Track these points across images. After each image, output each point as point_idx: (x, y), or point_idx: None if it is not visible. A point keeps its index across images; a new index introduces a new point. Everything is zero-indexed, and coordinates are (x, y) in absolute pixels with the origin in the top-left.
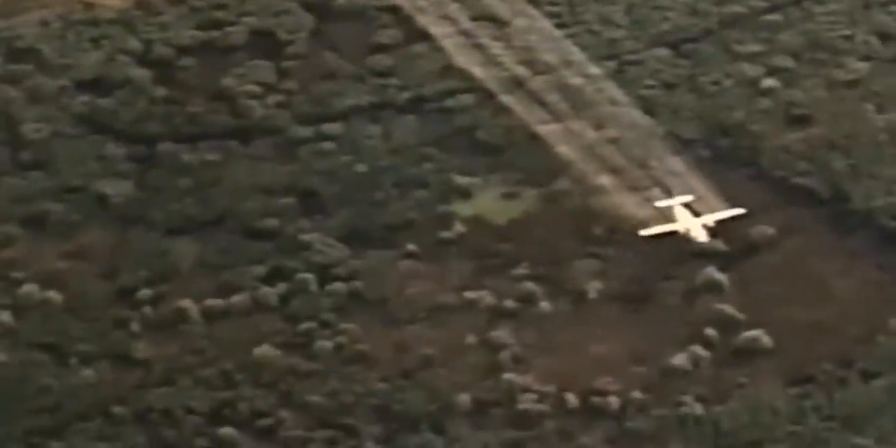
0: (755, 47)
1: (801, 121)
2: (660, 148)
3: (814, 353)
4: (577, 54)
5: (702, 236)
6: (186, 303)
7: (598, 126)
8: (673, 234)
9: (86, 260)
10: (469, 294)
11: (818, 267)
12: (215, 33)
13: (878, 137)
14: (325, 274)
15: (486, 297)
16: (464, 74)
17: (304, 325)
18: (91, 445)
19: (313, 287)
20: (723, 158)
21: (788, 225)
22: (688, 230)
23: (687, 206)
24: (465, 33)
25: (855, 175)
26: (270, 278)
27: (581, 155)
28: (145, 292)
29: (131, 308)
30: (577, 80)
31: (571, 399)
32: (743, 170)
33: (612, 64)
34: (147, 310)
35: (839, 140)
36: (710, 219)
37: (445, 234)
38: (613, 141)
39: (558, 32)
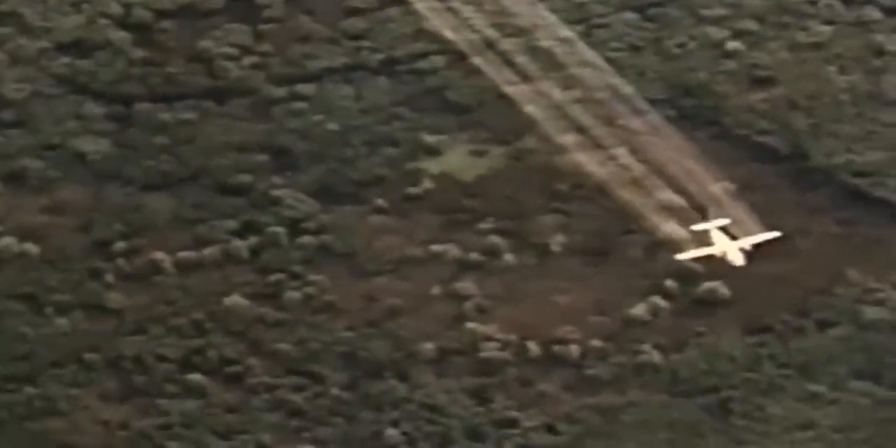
0: (720, 11)
1: (764, 82)
2: (625, 108)
3: (771, 304)
4: (547, 18)
5: (739, 260)
6: (160, 255)
7: (566, 87)
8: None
9: (63, 214)
10: (435, 247)
11: (778, 222)
12: None
13: (839, 98)
14: (295, 228)
15: (451, 250)
16: (435, 37)
17: (274, 277)
18: (64, 391)
19: (283, 240)
20: (686, 118)
21: (750, 181)
22: (725, 253)
23: (723, 229)
24: None
25: (816, 134)
26: (242, 232)
27: (548, 114)
28: (120, 245)
29: (106, 260)
30: (546, 43)
31: (533, 347)
32: (706, 129)
33: (580, 27)
34: (121, 262)
35: (801, 100)
36: (747, 242)
37: (413, 190)
38: (580, 101)
39: None
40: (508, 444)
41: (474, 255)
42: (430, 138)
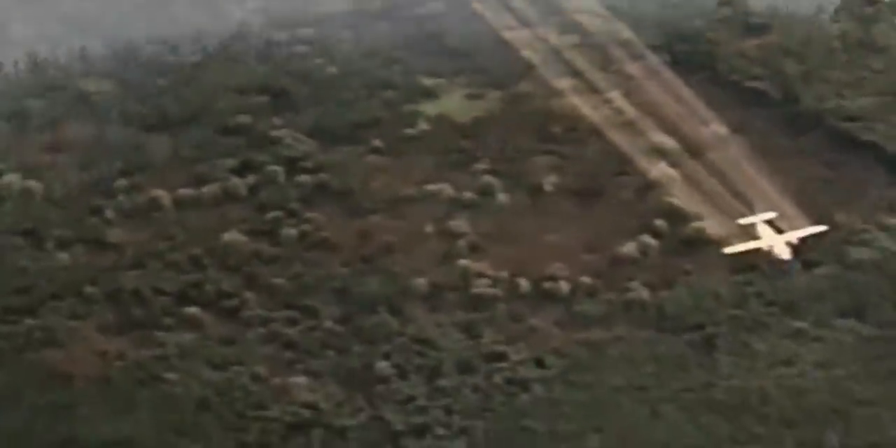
0: None
1: (758, 29)
2: (621, 53)
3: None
4: None
5: (785, 254)
6: (159, 192)
7: (563, 32)
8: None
9: (65, 152)
10: (430, 186)
11: (768, 164)
12: None
13: (831, 44)
14: (293, 167)
15: (446, 190)
16: None
17: (271, 214)
18: (64, 323)
19: (281, 179)
20: (681, 63)
21: (741, 125)
22: (771, 248)
23: (770, 223)
24: None
25: (807, 79)
26: (241, 170)
27: (544, 59)
28: (121, 183)
29: (106, 197)
30: None
31: (523, 284)
32: (699, 74)
33: None
34: (122, 198)
35: (794, 46)
36: (794, 236)
37: (410, 132)
38: (576, 46)
39: None
40: (497, 376)
41: (468, 195)
42: (427, 81)
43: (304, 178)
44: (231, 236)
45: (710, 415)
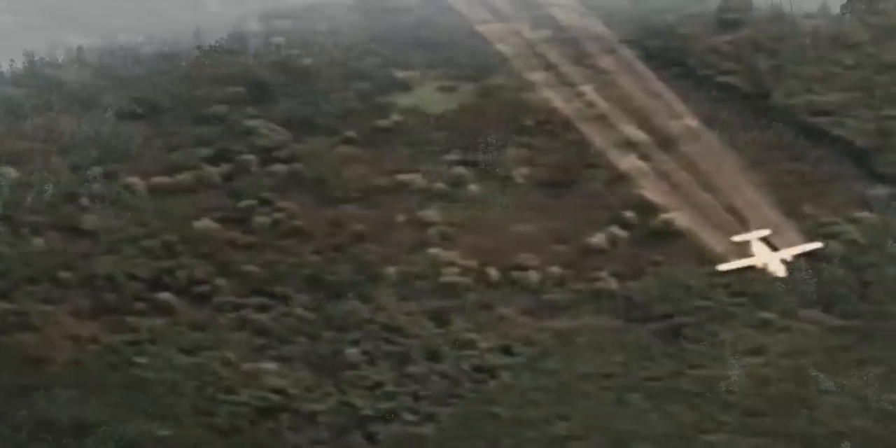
0: None
1: (730, 25)
2: (593, 47)
3: (727, 235)
4: None
5: (780, 271)
6: (134, 180)
7: (537, 26)
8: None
9: (42, 141)
10: (402, 177)
11: (738, 158)
12: None
13: (802, 40)
14: (266, 156)
15: (417, 180)
16: None
17: (245, 202)
18: (38, 307)
19: (255, 168)
20: (653, 58)
21: (712, 119)
22: (766, 265)
23: (764, 240)
24: None
25: (778, 74)
26: (215, 159)
27: (518, 52)
28: (96, 170)
29: (82, 184)
30: None
31: (493, 273)
32: (671, 68)
33: None
34: (97, 186)
35: (765, 42)
36: (788, 253)
37: (382, 123)
38: (550, 40)
39: None
40: (465, 364)
41: (439, 185)
42: (401, 74)
43: (277, 167)
44: (204, 224)
45: (675, 403)
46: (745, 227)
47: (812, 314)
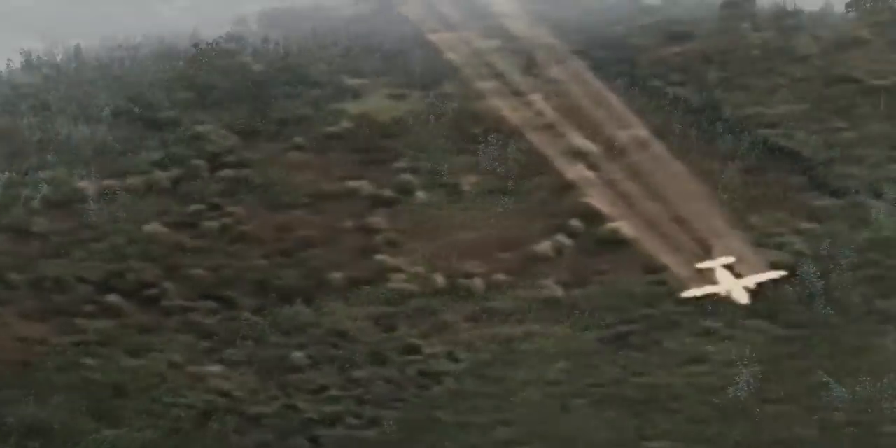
0: None
1: (679, 36)
2: (543, 58)
3: (672, 244)
4: None
5: (743, 298)
6: (84, 183)
7: (486, 35)
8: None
9: None
10: (350, 183)
11: (686, 168)
12: None
13: (752, 53)
14: (216, 161)
15: (365, 187)
16: None
17: (193, 207)
18: None
19: (204, 172)
20: (602, 68)
21: (660, 130)
22: (729, 292)
23: (728, 267)
24: None
25: (727, 86)
26: (164, 164)
27: (468, 61)
28: (47, 173)
29: (32, 187)
30: None
31: (439, 280)
32: (620, 79)
33: None
34: (46, 189)
35: (715, 54)
36: (752, 281)
37: (332, 129)
38: (499, 49)
39: None
40: (410, 369)
41: (387, 192)
42: (351, 81)
43: (226, 172)
44: (153, 227)
45: (619, 410)
46: (691, 236)
47: (756, 323)
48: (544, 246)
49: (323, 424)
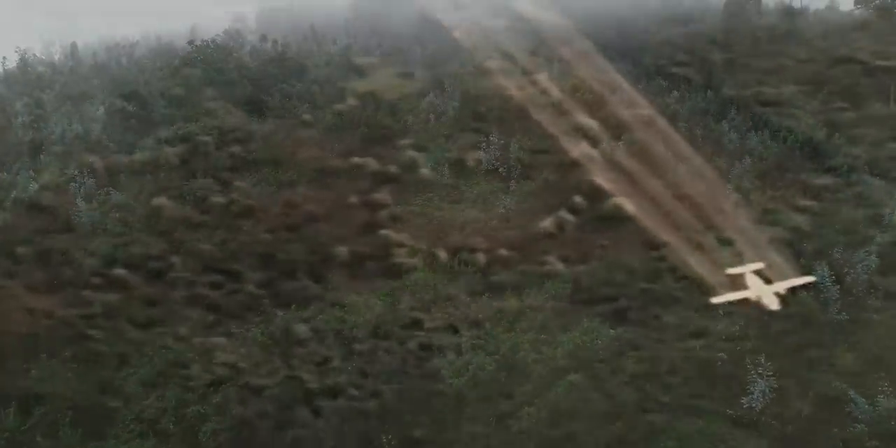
0: None
1: (684, 17)
2: (550, 37)
3: (673, 221)
4: None
5: (773, 304)
6: (92, 158)
7: (494, 15)
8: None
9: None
10: (356, 159)
11: (688, 147)
12: None
13: (756, 34)
14: (223, 137)
15: (371, 163)
16: None
17: (201, 181)
18: None
19: (211, 148)
20: (607, 48)
21: (664, 109)
22: (759, 297)
23: (758, 273)
24: None
25: (731, 67)
26: (173, 140)
27: (475, 41)
28: (55, 148)
29: (38, 164)
30: None
31: (441, 254)
32: (625, 59)
33: None
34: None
35: (719, 36)
36: (782, 286)
37: (339, 107)
38: (506, 29)
39: None
40: (412, 342)
41: (392, 169)
42: (359, 60)
43: (234, 148)
44: (160, 201)
45: (618, 384)
46: (694, 213)
47: None
48: (547, 222)
49: (325, 395)
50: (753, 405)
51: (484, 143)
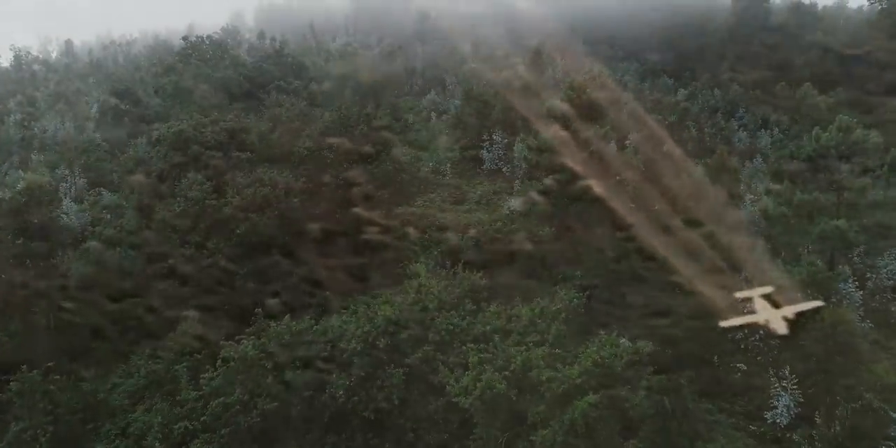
0: None
1: (659, 6)
2: (524, 22)
3: (642, 203)
4: None
5: (782, 329)
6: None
7: (495, 14)
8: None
9: None
10: (330, 139)
11: (659, 128)
12: None
13: (728, 20)
14: (216, 136)
15: (345, 143)
16: None
17: (176, 159)
18: None
19: (188, 129)
20: (583, 35)
21: (637, 93)
22: (767, 322)
23: (766, 297)
24: None
25: (702, 53)
26: (164, 138)
27: (452, 25)
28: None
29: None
30: None
31: (412, 232)
32: (600, 45)
33: None
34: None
35: (692, 22)
36: (790, 311)
37: (314, 87)
38: (484, 15)
39: None
40: (379, 317)
41: (367, 148)
42: (335, 43)
43: (210, 128)
44: (136, 179)
45: (583, 362)
46: (663, 196)
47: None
48: (517, 202)
49: (294, 368)
50: (778, 420)
51: (455, 123)
